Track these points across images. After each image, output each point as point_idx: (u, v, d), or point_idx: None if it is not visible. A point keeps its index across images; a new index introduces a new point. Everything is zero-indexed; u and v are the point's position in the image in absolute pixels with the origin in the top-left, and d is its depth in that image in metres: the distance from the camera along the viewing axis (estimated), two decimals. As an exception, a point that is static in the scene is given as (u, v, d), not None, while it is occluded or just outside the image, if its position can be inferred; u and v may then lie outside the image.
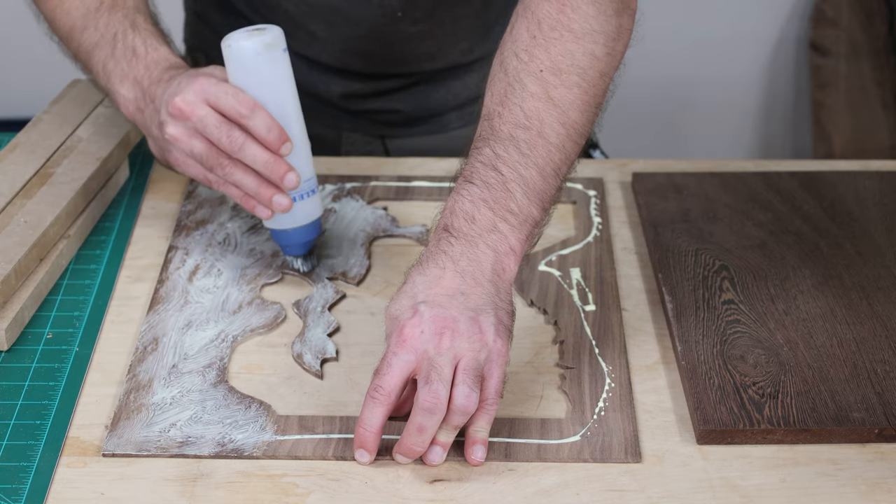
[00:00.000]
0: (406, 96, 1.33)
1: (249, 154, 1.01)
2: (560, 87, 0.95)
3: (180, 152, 1.04)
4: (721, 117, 2.59)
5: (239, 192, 1.03)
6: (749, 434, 0.92)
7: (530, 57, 0.96)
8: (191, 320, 1.04)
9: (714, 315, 1.03)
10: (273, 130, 1.00)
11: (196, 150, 1.02)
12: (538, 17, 0.97)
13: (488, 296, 0.90)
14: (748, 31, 2.45)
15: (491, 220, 0.92)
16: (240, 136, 1.00)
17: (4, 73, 2.47)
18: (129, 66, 1.08)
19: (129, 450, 0.91)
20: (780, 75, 2.56)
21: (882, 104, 2.40)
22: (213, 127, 1.00)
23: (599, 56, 0.97)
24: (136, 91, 1.08)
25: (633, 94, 1.98)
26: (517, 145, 0.94)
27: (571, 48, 0.96)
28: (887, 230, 1.14)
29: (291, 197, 1.03)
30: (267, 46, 1.01)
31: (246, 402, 0.95)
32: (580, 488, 0.89)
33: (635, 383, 0.99)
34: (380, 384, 0.87)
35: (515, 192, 0.93)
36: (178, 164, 1.05)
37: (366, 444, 0.89)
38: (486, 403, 0.88)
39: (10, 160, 1.16)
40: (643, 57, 1.47)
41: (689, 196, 1.19)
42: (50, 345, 1.02)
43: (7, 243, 1.05)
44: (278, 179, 1.01)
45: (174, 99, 1.02)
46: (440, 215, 0.94)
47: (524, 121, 0.94)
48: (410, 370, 0.88)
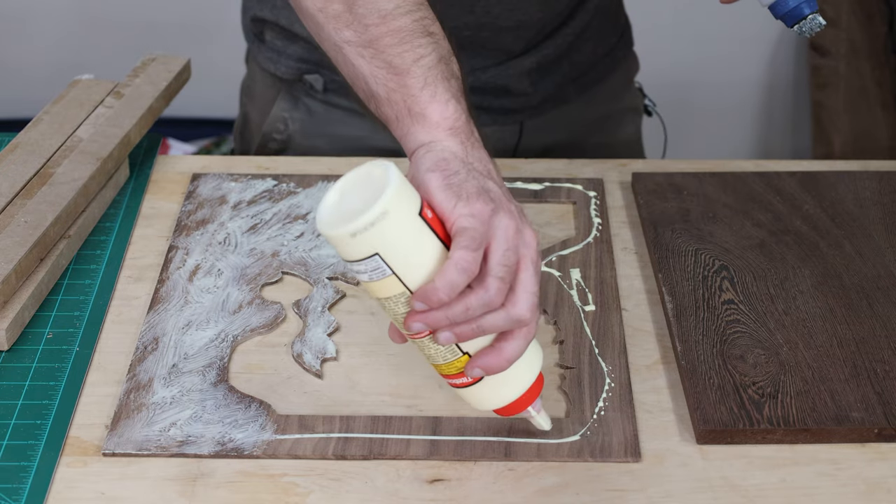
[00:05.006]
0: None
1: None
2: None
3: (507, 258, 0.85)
4: (721, 117, 2.59)
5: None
6: (749, 434, 0.92)
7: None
8: (191, 320, 1.04)
9: (714, 315, 1.03)
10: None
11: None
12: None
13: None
14: (748, 31, 2.45)
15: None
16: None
17: (4, 73, 2.48)
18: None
19: (129, 449, 0.91)
20: (780, 75, 2.56)
21: (882, 104, 2.40)
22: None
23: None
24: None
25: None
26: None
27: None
28: (887, 230, 1.14)
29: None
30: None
31: (246, 402, 0.95)
32: (580, 488, 0.89)
33: (635, 383, 0.99)
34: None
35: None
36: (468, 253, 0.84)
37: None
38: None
39: (10, 160, 1.16)
40: (643, 57, 1.48)
41: (689, 196, 1.19)
42: (50, 345, 1.02)
43: (7, 243, 1.05)
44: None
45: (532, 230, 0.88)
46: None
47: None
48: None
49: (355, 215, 0.79)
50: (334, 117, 1.35)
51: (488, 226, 0.82)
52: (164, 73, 1.30)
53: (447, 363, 0.86)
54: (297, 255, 1.12)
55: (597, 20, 1.35)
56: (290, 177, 1.23)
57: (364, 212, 0.79)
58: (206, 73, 1.70)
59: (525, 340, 0.85)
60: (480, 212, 0.82)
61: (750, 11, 1.01)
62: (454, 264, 0.80)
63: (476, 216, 0.82)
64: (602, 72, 1.39)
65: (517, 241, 0.83)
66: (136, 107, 1.24)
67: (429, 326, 0.82)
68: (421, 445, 0.92)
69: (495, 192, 0.85)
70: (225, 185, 1.22)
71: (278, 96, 1.37)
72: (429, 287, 0.80)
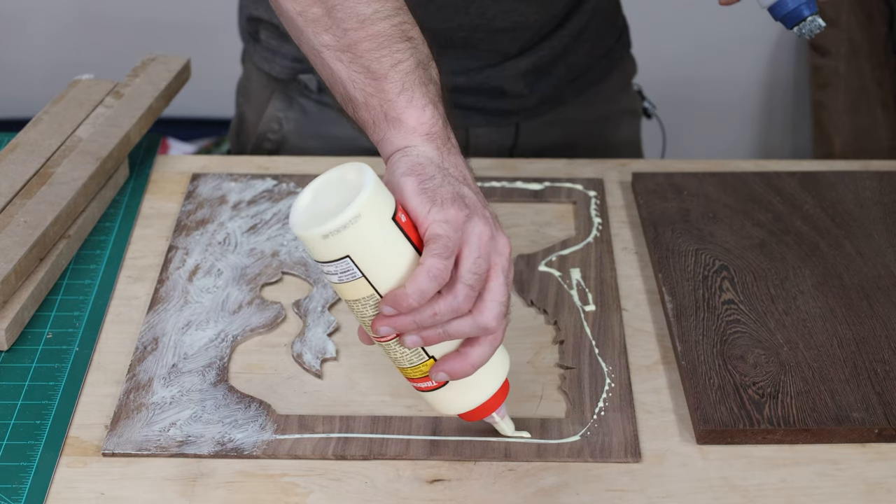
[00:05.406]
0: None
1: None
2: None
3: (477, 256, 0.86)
4: (721, 117, 2.59)
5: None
6: (749, 434, 0.92)
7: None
8: (191, 320, 1.04)
9: (714, 315, 1.03)
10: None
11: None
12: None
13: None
14: (748, 31, 2.44)
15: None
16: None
17: (4, 73, 2.47)
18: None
19: (128, 449, 0.91)
20: (780, 75, 2.56)
21: (882, 104, 2.40)
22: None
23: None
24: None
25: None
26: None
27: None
28: (887, 230, 1.14)
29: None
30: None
31: (246, 402, 0.95)
32: (580, 488, 0.89)
33: (635, 383, 0.99)
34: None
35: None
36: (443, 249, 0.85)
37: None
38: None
39: (10, 160, 1.16)
40: (643, 57, 1.48)
41: (689, 196, 1.19)
42: (50, 345, 1.02)
43: (7, 243, 1.05)
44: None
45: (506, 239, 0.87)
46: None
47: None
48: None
49: (328, 217, 0.79)
50: (328, 117, 1.35)
51: (462, 232, 0.83)
52: (164, 72, 1.30)
53: (413, 366, 0.86)
54: (297, 255, 1.12)
55: (594, 22, 1.35)
56: (290, 177, 1.23)
57: (337, 214, 0.79)
58: (206, 73, 1.70)
59: (491, 347, 0.85)
60: (454, 218, 0.83)
61: (750, 11, 1.01)
62: (426, 271, 0.80)
63: (450, 222, 0.82)
64: (599, 74, 1.39)
65: (490, 248, 0.84)
66: (135, 107, 1.24)
67: (396, 330, 0.83)
68: (421, 445, 0.92)
69: (470, 198, 0.85)
70: (225, 185, 1.22)
71: (273, 96, 1.37)
72: (399, 292, 0.81)
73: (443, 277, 0.81)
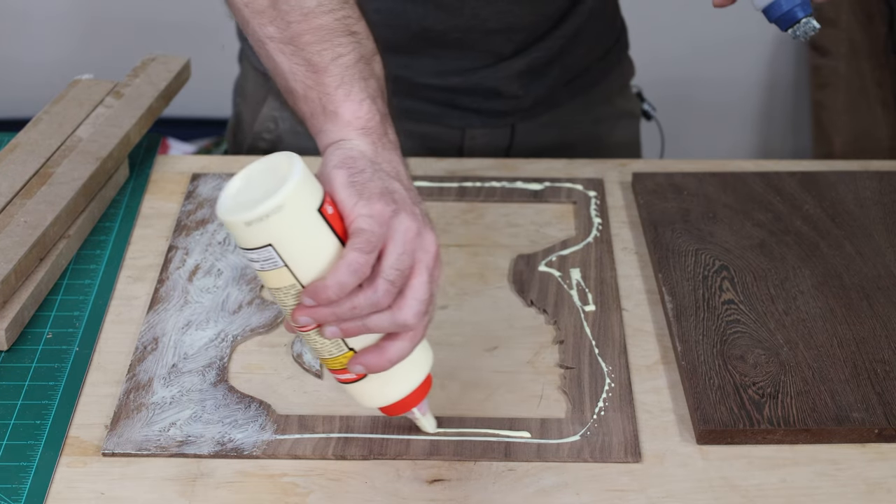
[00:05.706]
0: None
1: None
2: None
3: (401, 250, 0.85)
4: (721, 117, 2.59)
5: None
6: (749, 434, 0.92)
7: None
8: (191, 320, 1.04)
9: (714, 315, 1.03)
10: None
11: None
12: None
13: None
14: (748, 31, 2.44)
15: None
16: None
17: (4, 73, 2.48)
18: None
19: (128, 449, 0.91)
20: (780, 75, 2.56)
21: (882, 104, 2.40)
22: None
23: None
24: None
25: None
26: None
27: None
28: (887, 230, 1.14)
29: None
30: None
31: (246, 402, 0.95)
32: (580, 488, 0.89)
33: (635, 383, 0.99)
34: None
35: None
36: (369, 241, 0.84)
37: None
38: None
39: (10, 160, 1.16)
40: (643, 57, 1.47)
41: (689, 196, 1.19)
42: (50, 345, 1.02)
43: (7, 243, 1.05)
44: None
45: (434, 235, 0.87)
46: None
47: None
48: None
49: (252, 205, 0.79)
50: None
51: (387, 227, 0.83)
52: (164, 72, 1.30)
53: (332, 358, 0.86)
54: (296, 255, 1.12)
55: (591, 24, 1.34)
56: (290, 177, 1.23)
57: (261, 202, 0.79)
58: (205, 73, 1.70)
59: (411, 343, 0.85)
60: (380, 213, 0.83)
61: (750, 12, 1.01)
62: (346, 265, 0.81)
63: (374, 217, 0.82)
64: (596, 75, 1.39)
65: (415, 245, 0.83)
66: (135, 107, 1.24)
67: (316, 321, 0.83)
68: (421, 445, 0.92)
69: (400, 194, 0.85)
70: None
71: (269, 95, 1.37)
72: (319, 284, 0.81)
73: (363, 272, 0.81)
